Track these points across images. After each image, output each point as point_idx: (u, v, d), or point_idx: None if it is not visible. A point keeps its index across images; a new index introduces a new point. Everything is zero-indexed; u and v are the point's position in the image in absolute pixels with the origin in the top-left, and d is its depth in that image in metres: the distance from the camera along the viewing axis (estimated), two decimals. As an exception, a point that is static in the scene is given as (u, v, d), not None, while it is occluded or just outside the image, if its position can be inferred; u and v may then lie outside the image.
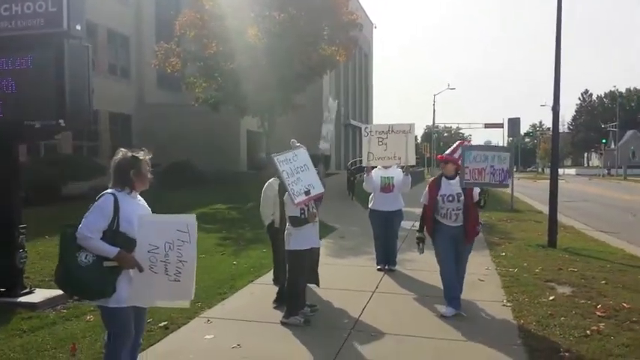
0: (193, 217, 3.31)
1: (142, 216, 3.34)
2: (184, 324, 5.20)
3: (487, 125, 50.78)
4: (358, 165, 22.13)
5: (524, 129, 72.64)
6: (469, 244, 5.71)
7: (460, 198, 5.51)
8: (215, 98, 18.87)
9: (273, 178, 6.05)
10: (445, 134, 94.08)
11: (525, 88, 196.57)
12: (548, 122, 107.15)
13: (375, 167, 7.55)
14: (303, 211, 5.16)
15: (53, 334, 4.85)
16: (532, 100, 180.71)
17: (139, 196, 3.52)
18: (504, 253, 8.99)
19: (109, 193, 3.32)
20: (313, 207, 5.26)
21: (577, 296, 6.21)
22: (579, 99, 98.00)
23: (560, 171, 14.86)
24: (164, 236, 3.23)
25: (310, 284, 5.67)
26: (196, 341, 4.80)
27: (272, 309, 5.74)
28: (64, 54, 5.35)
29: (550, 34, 10.51)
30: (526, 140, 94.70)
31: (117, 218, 3.25)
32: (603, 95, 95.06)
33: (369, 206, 7.77)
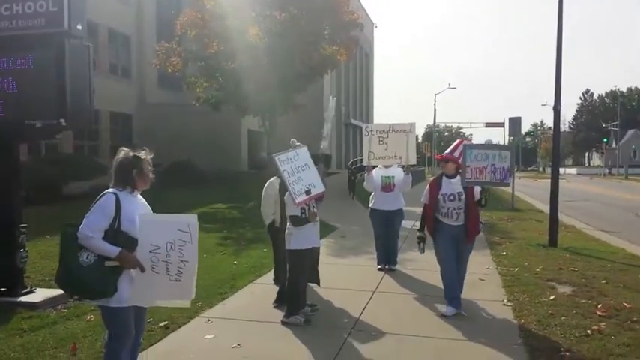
0: (195, 217, 3.31)
1: (143, 215, 3.34)
2: (185, 323, 5.20)
3: (488, 124, 50.88)
4: (359, 164, 22.08)
5: (525, 128, 72.44)
6: (470, 244, 5.71)
7: (461, 197, 5.51)
8: (216, 98, 18.85)
9: (274, 177, 6.05)
10: (446, 134, 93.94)
11: (526, 88, 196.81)
12: (549, 122, 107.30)
13: (376, 167, 7.55)
14: (303, 211, 5.16)
15: (54, 334, 4.85)
16: (533, 100, 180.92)
17: (140, 196, 3.52)
18: (505, 253, 8.99)
19: (111, 193, 3.32)
20: (314, 206, 5.26)
21: (578, 296, 6.21)
22: (580, 98, 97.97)
23: (561, 170, 14.86)
24: (166, 236, 3.23)
25: (311, 283, 5.67)
26: (197, 341, 4.80)
27: (272, 308, 5.73)
28: (65, 54, 5.36)
29: (550, 35, 10.54)
30: (527, 140, 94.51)
31: (118, 218, 3.25)
32: (604, 95, 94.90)
33: (370, 206, 7.76)
